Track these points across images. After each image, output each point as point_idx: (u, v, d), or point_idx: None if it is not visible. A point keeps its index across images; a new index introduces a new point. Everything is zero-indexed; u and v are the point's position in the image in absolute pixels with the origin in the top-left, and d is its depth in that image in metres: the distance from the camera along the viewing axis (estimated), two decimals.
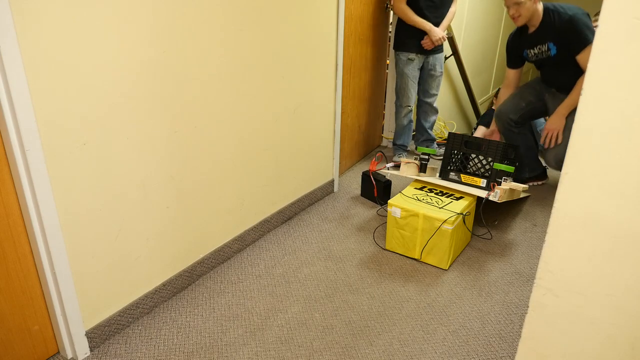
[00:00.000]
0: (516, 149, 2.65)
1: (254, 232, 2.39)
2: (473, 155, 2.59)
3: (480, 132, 4.40)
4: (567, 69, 2.58)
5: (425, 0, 3.01)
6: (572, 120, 0.95)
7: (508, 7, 2.58)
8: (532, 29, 2.65)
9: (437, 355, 1.73)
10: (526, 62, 2.87)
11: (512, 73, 2.92)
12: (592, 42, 2.32)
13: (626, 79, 0.82)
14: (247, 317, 1.91)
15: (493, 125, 3.01)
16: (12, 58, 1.29)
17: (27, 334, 1.60)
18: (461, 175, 2.49)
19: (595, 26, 4.06)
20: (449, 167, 2.61)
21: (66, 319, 1.62)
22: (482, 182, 2.43)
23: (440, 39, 3.08)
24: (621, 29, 0.79)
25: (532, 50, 2.71)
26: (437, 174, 2.66)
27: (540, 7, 2.57)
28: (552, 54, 2.62)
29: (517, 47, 2.79)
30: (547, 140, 2.70)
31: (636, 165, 0.85)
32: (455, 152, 2.63)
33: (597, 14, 3.74)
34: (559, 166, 2.69)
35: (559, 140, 2.66)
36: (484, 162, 2.57)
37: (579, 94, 2.86)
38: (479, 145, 2.56)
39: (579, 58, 2.52)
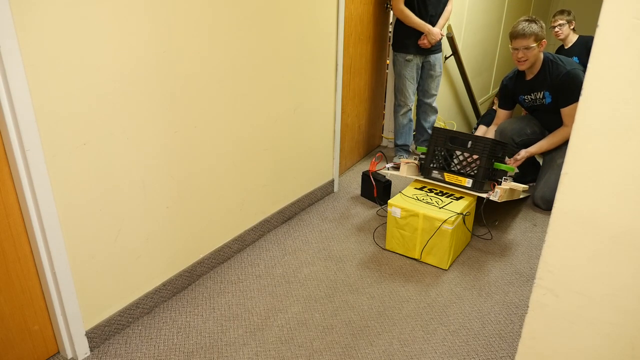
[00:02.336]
0: (505, 147, 2.54)
1: (254, 232, 2.39)
2: (459, 152, 2.40)
3: (481, 131, 4.39)
4: (557, 116, 2.71)
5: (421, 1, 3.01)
6: (562, 161, 0.96)
7: (517, 50, 2.61)
8: (529, 76, 2.74)
9: (437, 355, 1.73)
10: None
11: (503, 113, 3.00)
12: (576, 102, 2.43)
13: (626, 79, 0.82)
14: (247, 317, 1.91)
15: None
16: (12, 58, 1.29)
17: (27, 334, 1.60)
18: (445, 173, 2.31)
19: (553, 26, 4.10)
20: (432, 165, 2.41)
21: (66, 319, 1.62)
22: (468, 182, 2.26)
23: (438, 40, 3.10)
24: (621, 29, 0.79)
25: (528, 96, 2.80)
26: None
27: (541, 55, 2.65)
28: (546, 102, 2.72)
29: (513, 91, 2.87)
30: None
31: (636, 165, 0.85)
32: (439, 148, 2.41)
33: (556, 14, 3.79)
34: (546, 206, 2.77)
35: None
36: (470, 160, 2.38)
37: (551, 144, 2.90)
38: (466, 142, 2.39)
39: (563, 111, 2.65)
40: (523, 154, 2.76)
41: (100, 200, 1.63)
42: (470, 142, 2.35)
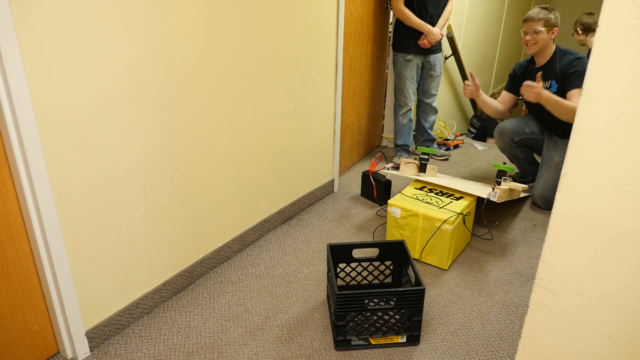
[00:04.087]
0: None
1: (254, 232, 2.39)
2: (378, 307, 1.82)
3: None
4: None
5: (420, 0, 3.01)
6: (560, 160, 0.96)
7: (525, 33, 2.62)
8: (539, 64, 2.71)
9: (437, 355, 1.73)
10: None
11: (507, 95, 2.93)
12: (580, 87, 2.33)
13: (626, 79, 0.82)
14: (247, 317, 1.91)
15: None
16: (12, 58, 1.29)
17: (27, 334, 1.60)
18: (370, 338, 1.75)
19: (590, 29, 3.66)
20: (347, 336, 1.75)
21: (66, 319, 1.62)
22: (402, 337, 1.76)
23: (438, 40, 3.09)
24: (621, 29, 0.79)
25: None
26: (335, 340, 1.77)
27: (553, 45, 2.65)
28: (552, 91, 2.66)
29: (521, 77, 2.83)
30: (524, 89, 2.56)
31: (636, 165, 0.85)
32: (353, 313, 1.75)
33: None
34: (546, 205, 2.77)
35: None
36: (392, 312, 1.85)
37: (563, 104, 2.57)
38: (383, 296, 1.83)
39: (569, 94, 2.56)
40: (538, 89, 2.45)
41: (100, 200, 1.63)
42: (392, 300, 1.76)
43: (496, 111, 2.88)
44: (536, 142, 2.91)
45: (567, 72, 2.58)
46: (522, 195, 2.79)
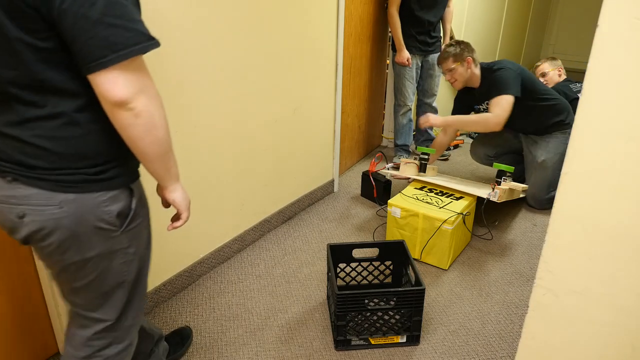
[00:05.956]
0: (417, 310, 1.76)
1: (254, 232, 2.39)
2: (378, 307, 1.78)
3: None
4: (521, 114, 2.61)
5: (415, 3, 3.01)
6: (544, 158, 0.96)
7: (444, 74, 2.69)
8: (476, 88, 2.71)
9: (437, 355, 1.73)
10: None
11: None
12: (503, 94, 2.40)
13: (626, 79, 0.82)
14: (247, 317, 1.91)
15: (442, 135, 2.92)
16: None
17: (27, 334, 1.60)
18: (369, 338, 1.76)
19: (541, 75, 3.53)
20: (347, 336, 1.75)
21: (66, 319, 1.62)
22: (402, 337, 1.76)
23: (404, 62, 3.10)
24: (621, 29, 0.79)
25: (482, 106, 2.78)
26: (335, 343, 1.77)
27: (477, 70, 2.65)
28: None
29: (468, 103, 2.84)
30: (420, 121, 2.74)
31: (636, 165, 0.85)
32: (353, 313, 1.73)
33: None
34: (540, 205, 2.80)
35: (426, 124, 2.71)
36: (392, 312, 1.84)
37: (469, 121, 2.68)
38: (383, 296, 1.77)
39: (491, 101, 2.54)
40: (432, 120, 2.65)
41: None
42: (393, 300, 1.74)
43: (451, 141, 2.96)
44: (513, 144, 2.92)
45: (490, 86, 2.58)
46: (522, 195, 2.79)
